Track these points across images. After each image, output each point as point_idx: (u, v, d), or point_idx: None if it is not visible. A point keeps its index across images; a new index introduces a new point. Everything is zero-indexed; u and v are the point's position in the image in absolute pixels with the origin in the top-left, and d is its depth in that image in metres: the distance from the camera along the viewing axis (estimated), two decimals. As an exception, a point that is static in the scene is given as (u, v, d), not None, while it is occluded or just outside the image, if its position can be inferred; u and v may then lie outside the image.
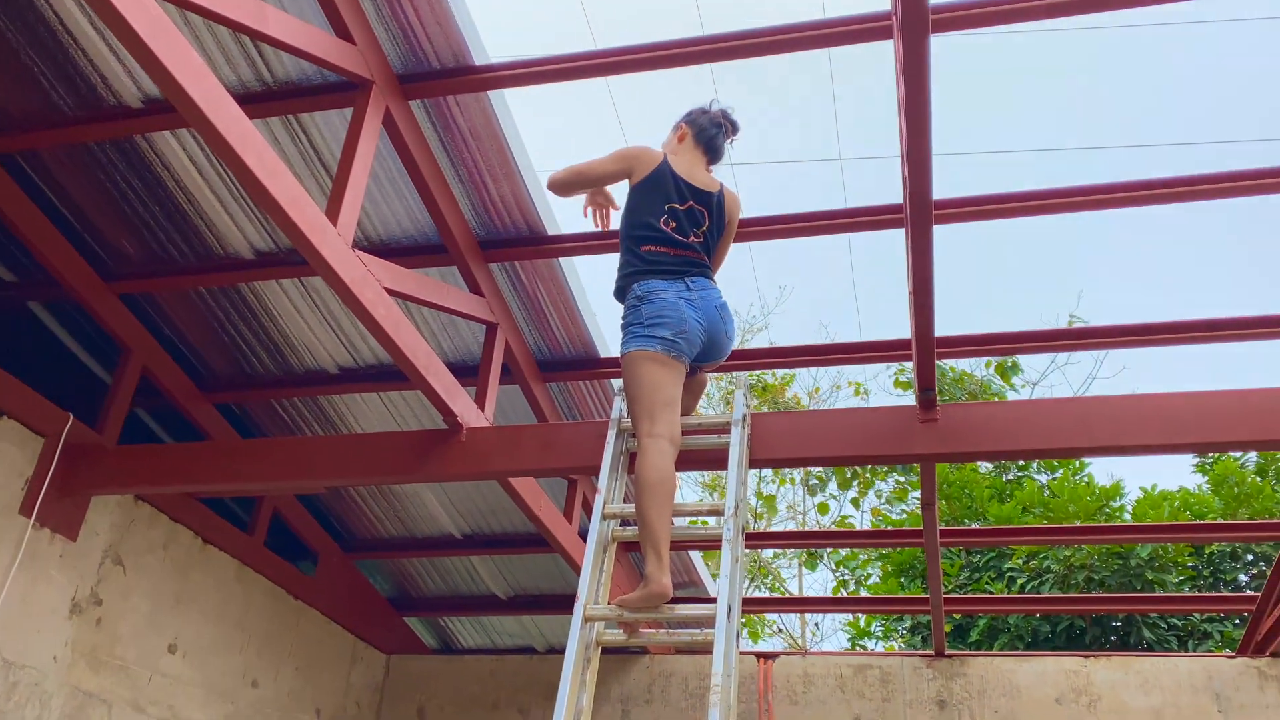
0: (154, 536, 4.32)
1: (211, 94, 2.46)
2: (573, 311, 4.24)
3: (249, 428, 4.97)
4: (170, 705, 4.32)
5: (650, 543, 3.02)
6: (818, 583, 16.64)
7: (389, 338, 3.16)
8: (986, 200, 3.38)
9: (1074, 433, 3.22)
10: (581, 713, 2.85)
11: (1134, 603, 5.91)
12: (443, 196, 3.60)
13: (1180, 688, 4.97)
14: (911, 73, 2.22)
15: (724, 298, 3.49)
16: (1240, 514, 7.55)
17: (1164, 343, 3.84)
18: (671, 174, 3.45)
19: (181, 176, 3.77)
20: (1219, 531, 5.40)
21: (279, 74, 3.39)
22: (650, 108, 4.08)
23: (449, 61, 3.33)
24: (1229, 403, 3.17)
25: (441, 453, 3.67)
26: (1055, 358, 12.97)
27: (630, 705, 5.61)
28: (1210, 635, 7.10)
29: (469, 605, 6.15)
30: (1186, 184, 3.31)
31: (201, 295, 4.29)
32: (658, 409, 3.20)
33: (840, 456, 3.42)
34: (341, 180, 3.03)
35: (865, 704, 5.30)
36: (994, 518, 8.03)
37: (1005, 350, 4.17)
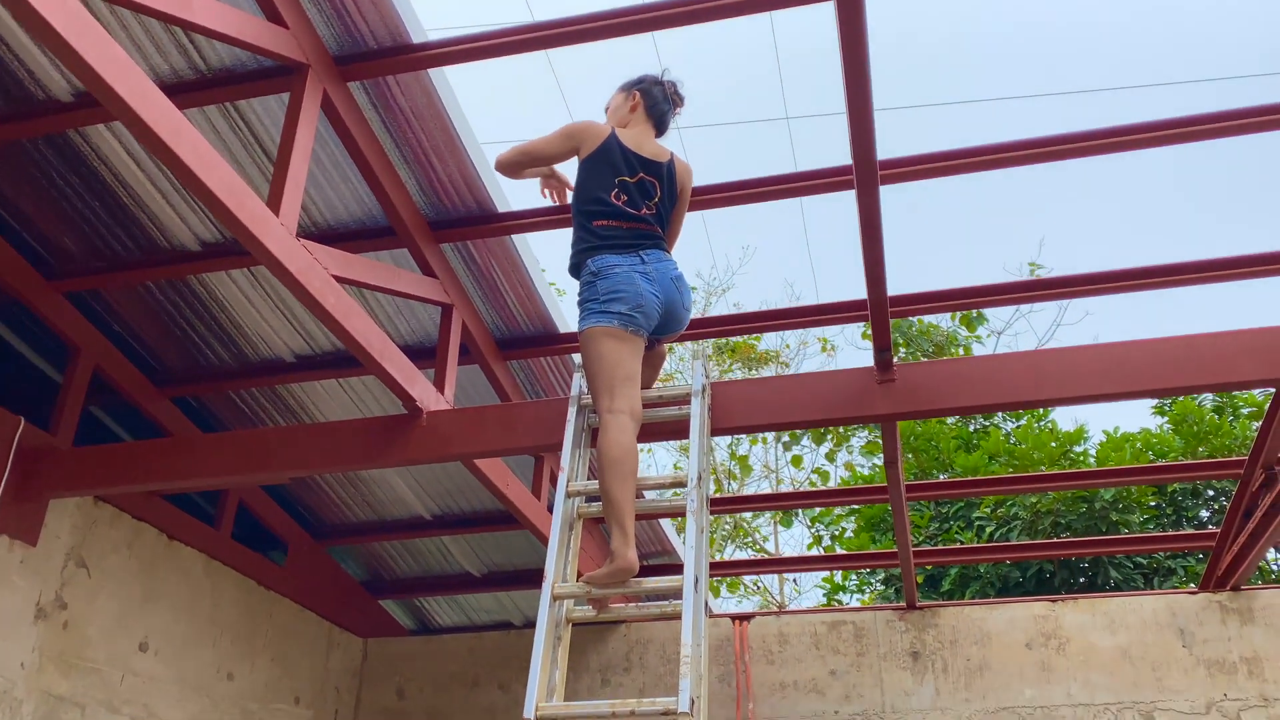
0: (117, 536, 4.27)
1: (137, 85, 2.40)
2: (529, 288, 4.21)
3: (208, 421, 4.91)
4: (145, 704, 4.29)
5: (615, 518, 3.03)
6: (795, 539, 16.85)
7: (340, 325, 3.12)
8: (935, 158, 3.37)
9: (1031, 385, 3.25)
10: (554, 690, 2.87)
11: (1100, 545, 6.02)
12: (388, 179, 3.55)
13: (1146, 625, 5.08)
14: (849, 32, 2.20)
15: (680, 269, 3.48)
16: (1200, 452, 7.70)
17: (1118, 290, 3.87)
18: (620, 147, 3.42)
19: (119, 170, 3.68)
20: (1179, 471, 5.50)
21: (213, 61, 3.31)
22: (595, 78, 4.03)
23: (386, 41, 3.26)
24: (1180, 349, 3.21)
25: (403, 438, 3.64)
26: (1019, 308, 13.12)
27: (610, 674, 5.65)
28: (1174, 572, 7.26)
29: (444, 585, 6.16)
30: (1135, 131, 3.33)
31: (149, 289, 4.21)
32: (617, 384, 3.19)
33: (801, 421, 3.44)
34: (281, 168, 2.97)
35: (840, 659, 5.38)
36: (960, 468, 8.13)
37: (964, 305, 4.20)
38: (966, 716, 5.08)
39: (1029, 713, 5.02)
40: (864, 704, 5.24)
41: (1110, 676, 5.00)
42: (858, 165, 2.56)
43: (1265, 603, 4.99)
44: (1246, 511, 4.62)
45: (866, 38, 2.17)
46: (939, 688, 5.18)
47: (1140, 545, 5.98)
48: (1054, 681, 5.06)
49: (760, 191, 3.61)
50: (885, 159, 3.29)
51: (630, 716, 2.64)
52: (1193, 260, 3.79)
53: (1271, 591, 5.05)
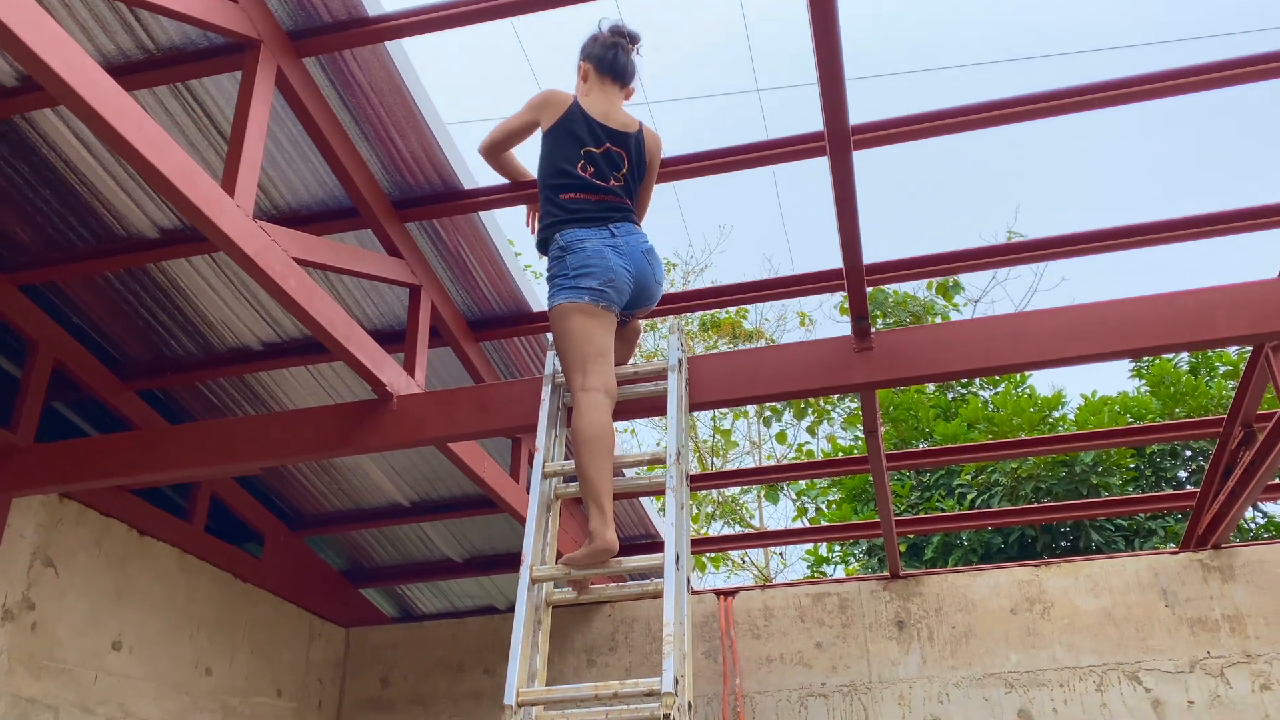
0: (84, 534, 4.17)
1: (77, 65, 2.29)
2: (499, 266, 4.12)
3: (176, 413, 4.81)
4: (120, 704, 4.21)
5: (592, 498, 2.97)
6: (780, 513, 16.88)
7: (303, 309, 3.04)
8: (907, 121, 3.31)
9: (1007, 349, 3.21)
10: (536, 674, 2.82)
11: (1080, 509, 6.02)
12: (348, 157, 3.45)
13: (1129, 587, 5.09)
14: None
15: (650, 242, 3.41)
16: (1177, 413, 7.73)
17: (1093, 251, 3.84)
18: (584, 116, 3.34)
19: (70, 156, 3.56)
20: (1158, 432, 5.49)
21: (161, 40, 3.19)
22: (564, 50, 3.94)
23: (340, 14, 3.16)
24: (1157, 307, 3.18)
25: (373, 423, 3.56)
26: (995, 274, 13.14)
27: (595, 654, 5.61)
28: (1155, 532, 7.29)
29: (425, 571, 6.09)
30: (1102, 89, 3.28)
31: (108, 280, 4.10)
32: (590, 361, 3.12)
33: (779, 393, 3.37)
34: (236, 148, 2.88)
35: (826, 631, 5.36)
36: (940, 436, 8.13)
37: (940, 271, 4.14)
38: (953, 684, 5.07)
39: (1015, 678, 5.02)
40: (850, 675, 5.23)
41: (1095, 639, 5.01)
42: (829, 128, 2.49)
43: (1246, 560, 5.00)
44: (1226, 470, 4.62)
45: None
46: (925, 656, 5.18)
47: (1121, 507, 5.99)
48: (1039, 646, 5.06)
49: (732, 160, 3.54)
50: (857, 124, 3.22)
51: (613, 698, 2.59)
52: (1167, 219, 3.76)
53: (1252, 549, 5.07)
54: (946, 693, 5.06)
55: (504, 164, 3.63)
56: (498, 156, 3.58)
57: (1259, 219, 3.70)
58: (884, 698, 5.14)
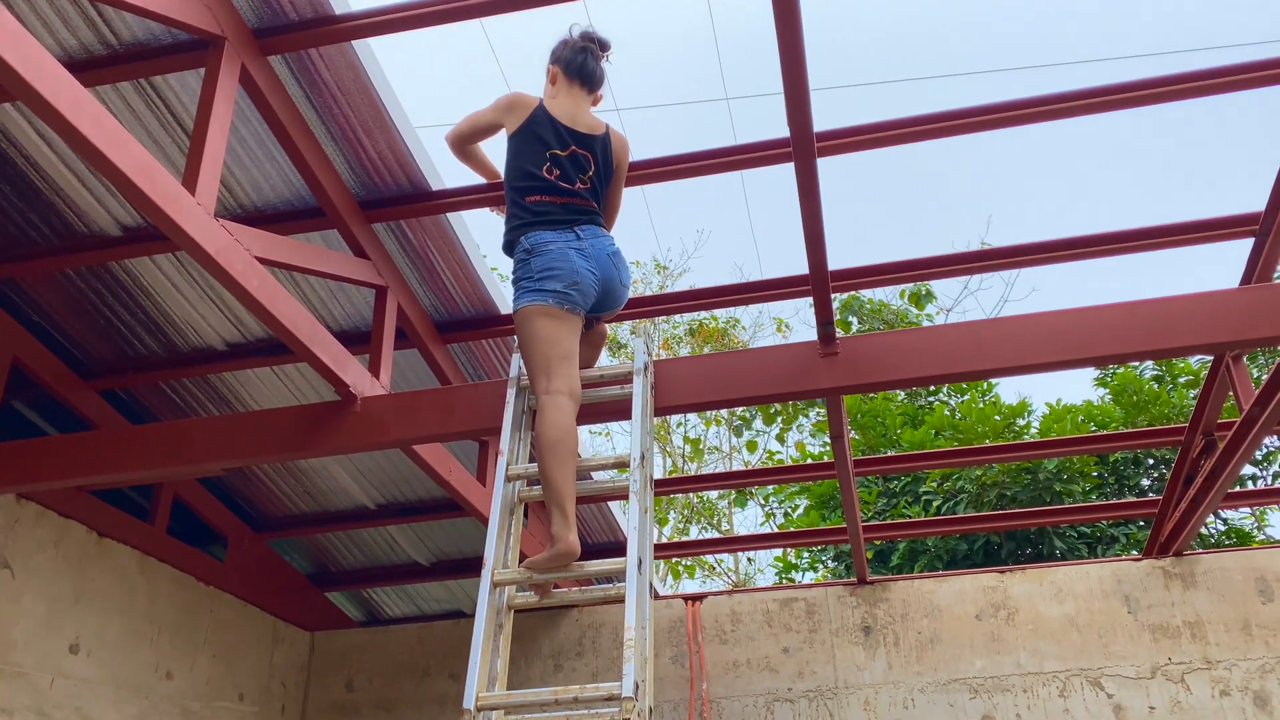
0: (42, 535, 4.11)
1: (34, 59, 2.26)
2: (467, 268, 4.10)
3: (138, 413, 4.75)
4: (77, 707, 4.15)
5: (555, 502, 2.96)
6: (750, 518, 16.92)
7: (264, 309, 3.00)
8: (872, 129, 3.33)
9: (972, 356, 3.23)
10: (496, 679, 2.80)
11: (1044, 515, 6.07)
12: (314, 157, 3.42)
13: (1092, 594, 5.13)
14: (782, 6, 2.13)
15: (617, 245, 3.41)
16: (1140, 421, 7.81)
17: (1059, 260, 3.88)
18: (550, 119, 3.34)
19: (29, 151, 3.51)
20: (1121, 440, 5.56)
21: (125, 35, 3.16)
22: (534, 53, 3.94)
23: (306, 12, 3.14)
24: (1120, 315, 3.21)
25: (336, 425, 3.53)
26: (967, 283, 13.25)
27: (562, 659, 5.59)
28: (1117, 539, 7.37)
29: (391, 575, 6.04)
30: (1078, 98, 3.31)
31: (69, 277, 4.04)
32: (554, 364, 3.11)
33: (745, 397, 3.38)
34: (198, 145, 2.84)
35: (793, 636, 5.37)
36: (907, 444, 8.18)
37: (909, 278, 4.17)
38: (919, 689, 5.10)
39: (980, 683, 5.05)
40: (817, 680, 5.24)
41: (1058, 645, 5.05)
42: (794, 133, 2.50)
43: (1206, 567, 5.06)
44: (1187, 478, 4.68)
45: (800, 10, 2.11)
46: (891, 661, 5.20)
47: (1084, 514, 6.05)
48: (1004, 652, 5.10)
49: (701, 165, 3.54)
50: (823, 130, 3.24)
51: (574, 703, 2.58)
52: (1135, 228, 3.81)
53: (1213, 556, 5.13)
54: (912, 698, 5.09)
55: (470, 156, 3.61)
56: (464, 149, 3.58)
57: (1226, 229, 3.75)
58: (850, 703, 5.15)
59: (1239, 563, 5.05)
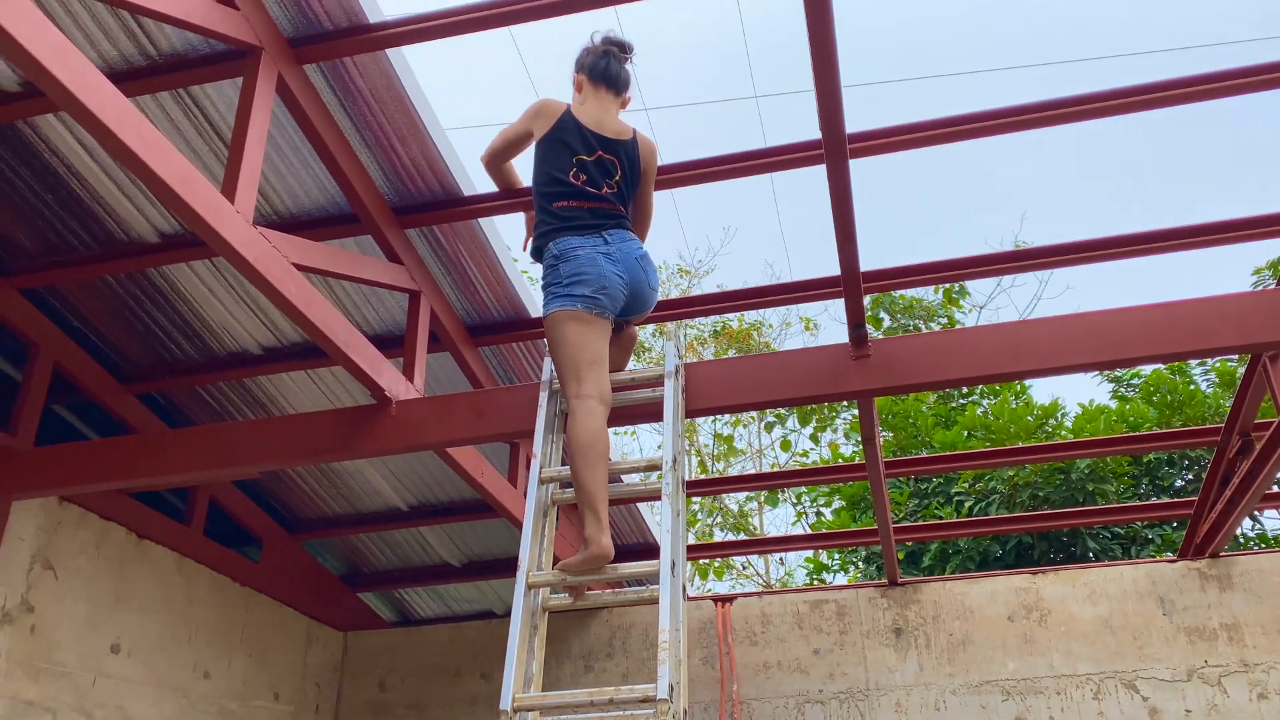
0: (84, 537, 4.18)
1: (79, 72, 2.31)
2: (498, 272, 4.14)
3: (175, 417, 4.82)
4: (119, 706, 4.22)
5: (588, 504, 2.98)
6: (780, 518, 16.86)
7: (302, 315, 3.05)
8: (903, 130, 3.32)
9: (1006, 357, 3.21)
10: (532, 679, 2.82)
11: (1078, 516, 6.03)
12: (349, 164, 3.47)
13: (1126, 595, 5.09)
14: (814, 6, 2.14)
15: (644, 248, 3.43)
16: (1175, 422, 7.73)
17: (1095, 260, 3.85)
18: (576, 125, 3.36)
19: (72, 161, 3.58)
20: (1156, 440, 5.50)
21: (163, 46, 3.21)
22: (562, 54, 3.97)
23: (341, 21, 3.18)
24: (1155, 316, 3.19)
25: (372, 428, 3.57)
26: (1000, 282, 13.17)
27: (592, 660, 5.62)
28: (1151, 541, 7.29)
29: (423, 576, 6.09)
30: (1112, 97, 3.29)
31: (108, 283, 4.11)
32: (584, 368, 3.14)
33: (776, 400, 3.39)
34: (236, 154, 2.89)
35: (824, 638, 5.36)
36: (939, 444, 8.14)
37: (941, 279, 4.15)
38: (950, 691, 5.08)
39: (1012, 685, 5.02)
40: (848, 682, 5.23)
41: (1092, 647, 5.01)
42: (826, 136, 2.50)
43: (1244, 569, 5.01)
44: (1224, 479, 4.63)
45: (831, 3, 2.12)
46: (922, 663, 5.18)
47: (1118, 515, 5.99)
48: (1036, 653, 5.07)
49: (731, 168, 3.55)
50: (854, 132, 3.23)
51: (609, 704, 2.60)
52: (1171, 227, 3.77)
53: (1250, 558, 5.07)
54: (944, 700, 5.07)
55: (503, 174, 3.66)
56: (499, 167, 3.62)
57: (1266, 227, 3.70)
58: (881, 705, 5.14)
59: (1277, 564, 4.99)
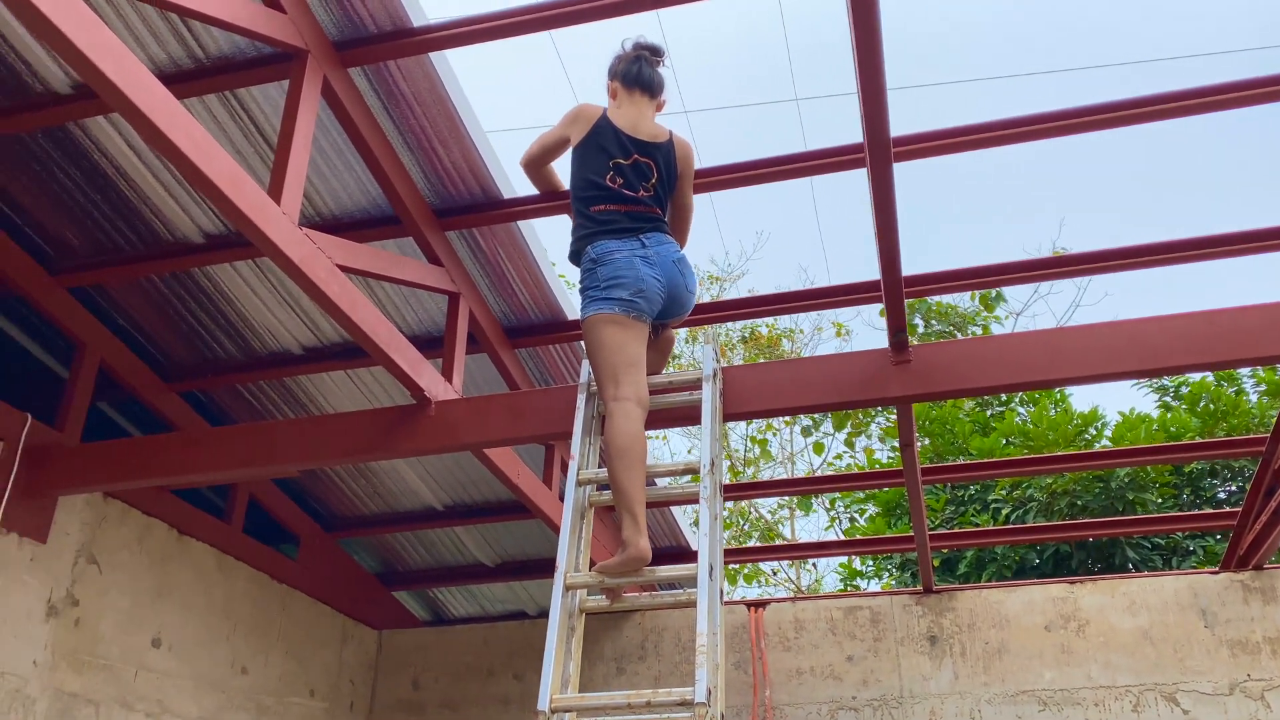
0: (127, 532, 4.25)
1: (133, 74, 2.35)
2: (536, 275, 4.16)
3: (216, 415, 4.88)
4: (159, 700, 4.28)
5: (625, 507, 2.98)
6: (813, 523, 16.75)
7: (345, 315, 3.08)
8: (947, 134, 3.30)
9: (1047, 364, 3.18)
10: (569, 680, 2.83)
11: (1117, 525, 5.95)
12: (391, 166, 3.50)
13: (1167, 606, 5.02)
14: (860, 9, 2.13)
15: (681, 251, 3.43)
16: (1218, 432, 7.61)
17: (1137, 266, 3.80)
18: (612, 129, 3.38)
19: (120, 162, 3.64)
20: (1197, 450, 5.42)
21: (211, 49, 3.26)
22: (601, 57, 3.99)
23: (386, 25, 3.21)
24: (1198, 324, 3.14)
25: (411, 428, 3.60)
26: (1037, 288, 13.02)
27: (625, 663, 5.62)
28: (1193, 552, 7.18)
29: (457, 575, 6.13)
30: (1153, 102, 3.25)
31: (153, 283, 4.18)
32: (621, 371, 3.14)
33: (814, 404, 3.37)
34: (282, 156, 2.93)
35: (857, 644, 5.33)
36: (976, 451, 8.06)
37: (981, 284, 4.12)
38: (986, 700, 5.03)
39: (1049, 696, 4.96)
40: (882, 689, 5.20)
41: (1131, 658, 4.94)
42: (870, 141, 2.49)
43: (1288, 582, 4.92)
44: (1269, 490, 4.55)
45: (879, 5, 2.11)
46: (957, 671, 5.14)
47: (1159, 525, 5.91)
48: (1074, 664, 5.00)
49: (771, 171, 3.54)
50: (897, 135, 3.21)
51: (646, 707, 2.60)
52: (1212, 235, 3.72)
53: (1294, 570, 4.98)
54: (979, 709, 5.02)
55: (544, 178, 3.68)
56: (538, 170, 3.65)
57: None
58: (915, 713, 5.10)
59: (1323, 578, 4.90)
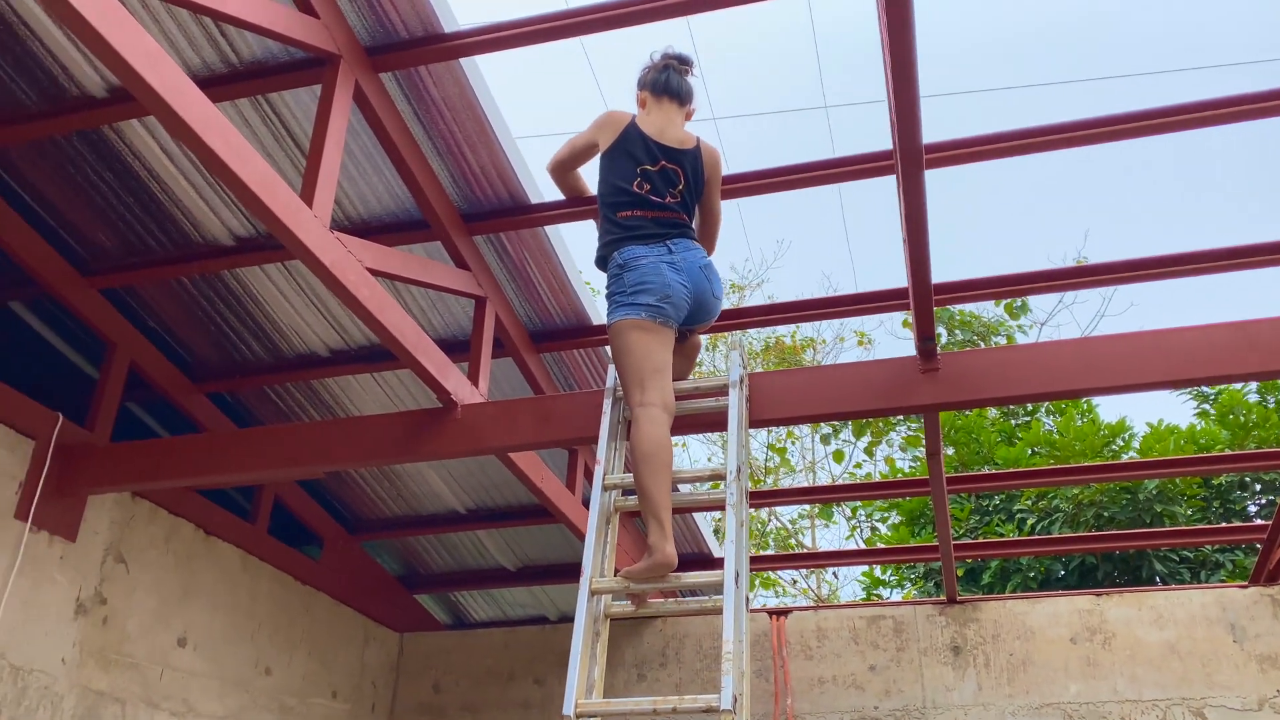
0: (155, 532, 4.28)
1: (169, 78, 2.37)
2: (562, 280, 4.17)
3: (243, 416, 4.92)
4: (184, 699, 4.30)
5: (651, 512, 2.98)
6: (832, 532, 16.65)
7: (375, 319, 3.10)
8: (979, 141, 3.28)
9: (1077, 374, 3.16)
10: (594, 685, 2.83)
11: (1144, 538, 5.89)
12: (420, 170, 3.52)
13: (1194, 620, 4.96)
14: (895, 11, 2.13)
15: (708, 257, 3.43)
16: (1247, 444, 7.52)
17: (1171, 275, 3.76)
18: (640, 135, 3.39)
19: (153, 165, 3.67)
20: (1227, 463, 5.36)
21: (244, 54, 3.29)
22: (631, 63, 4.01)
23: (417, 30, 3.23)
24: (1230, 334, 3.11)
25: (438, 431, 3.61)
26: (1062, 297, 12.93)
27: (645, 669, 5.61)
28: (1222, 565, 7.09)
29: (478, 579, 6.14)
30: (1181, 112, 3.22)
31: (183, 285, 4.21)
32: (647, 377, 3.15)
33: (842, 412, 3.36)
34: (315, 160, 2.95)
35: (880, 654, 5.30)
36: (1002, 460, 8.00)
37: (1009, 293, 4.10)
38: (1010, 712, 4.98)
39: (1075, 709, 4.91)
40: (904, 699, 5.16)
41: (1158, 672, 4.89)
42: (902, 149, 2.48)
43: (1319, 597, 4.85)
44: (1300, 503, 4.49)
45: (913, 12, 2.10)
46: (981, 683, 5.09)
47: (1187, 538, 5.84)
48: (1100, 677, 4.95)
49: (799, 178, 3.54)
50: (928, 143, 3.20)
51: (672, 714, 2.59)
52: (1239, 245, 3.68)
53: (1326, 585, 4.91)
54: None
55: (569, 183, 3.70)
56: (564, 175, 3.66)
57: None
58: (938, 724, 5.06)
59: (1355, 593, 4.83)
